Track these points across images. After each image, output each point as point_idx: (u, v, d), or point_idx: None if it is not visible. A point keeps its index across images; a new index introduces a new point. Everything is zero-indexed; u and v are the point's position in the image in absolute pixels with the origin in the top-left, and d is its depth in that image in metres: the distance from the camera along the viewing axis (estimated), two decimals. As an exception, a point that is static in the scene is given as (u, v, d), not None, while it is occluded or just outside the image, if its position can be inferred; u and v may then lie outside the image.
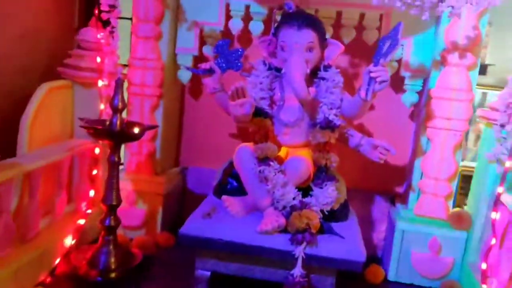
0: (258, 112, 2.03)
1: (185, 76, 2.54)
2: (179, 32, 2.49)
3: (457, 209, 2.31)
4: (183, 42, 2.50)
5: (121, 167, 2.25)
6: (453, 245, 2.24)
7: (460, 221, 2.25)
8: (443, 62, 2.23)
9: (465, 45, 2.14)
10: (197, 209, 2.07)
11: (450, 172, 2.24)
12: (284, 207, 1.91)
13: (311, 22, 2.01)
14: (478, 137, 2.87)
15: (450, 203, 2.30)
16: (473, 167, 2.49)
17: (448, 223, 2.25)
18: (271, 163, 1.93)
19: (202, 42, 2.51)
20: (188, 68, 2.31)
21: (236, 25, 2.43)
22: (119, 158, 2.05)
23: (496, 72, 3.22)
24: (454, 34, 2.14)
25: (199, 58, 2.48)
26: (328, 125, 2.03)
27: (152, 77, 2.43)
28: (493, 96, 3.36)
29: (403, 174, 2.57)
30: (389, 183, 2.60)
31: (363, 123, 2.55)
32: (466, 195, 2.54)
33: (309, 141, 2.08)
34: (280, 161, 2.05)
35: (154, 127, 2.19)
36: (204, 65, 2.12)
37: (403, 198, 2.52)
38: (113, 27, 2.24)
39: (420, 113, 2.37)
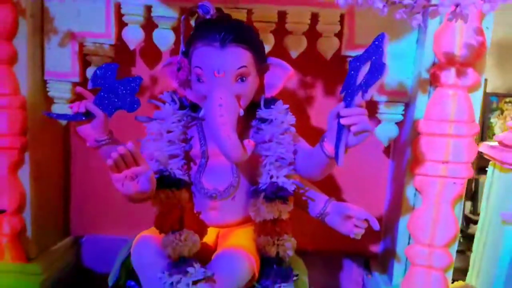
0: (166, 181, 1.28)
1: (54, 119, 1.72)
2: (47, 50, 1.66)
3: (460, 283, 1.67)
4: (54, 65, 1.67)
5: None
6: (457, 336, 1.61)
7: (465, 301, 1.62)
8: (433, 81, 1.56)
9: (464, 58, 1.48)
10: None
11: (449, 235, 1.58)
12: None
13: (241, 34, 1.26)
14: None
15: (450, 275, 1.66)
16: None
17: (449, 305, 1.62)
18: (190, 269, 1.18)
19: (85, 62, 1.70)
20: (49, 115, 1.48)
21: (133, 36, 1.64)
22: None
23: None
24: (449, 42, 1.48)
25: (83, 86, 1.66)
26: (277, 194, 1.31)
27: (6, 121, 1.59)
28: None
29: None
30: (360, 242, 1.90)
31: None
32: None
33: (250, 217, 1.36)
34: (207, 252, 1.32)
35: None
36: (77, 107, 1.33)
37: (382, 264, 1.86)
38: None
39: (403, 153, 1.70)
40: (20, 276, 1.69)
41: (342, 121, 1.11)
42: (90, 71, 1.69)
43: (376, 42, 1.13)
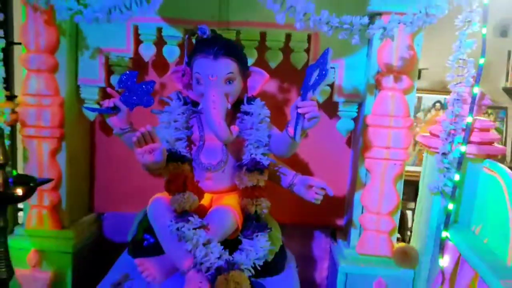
0: (174, 157, 1.74)
1: (90, 112, 2.19)
2: (80, 61, 2.14)
3: (402, 244, 2.12)
4: (86, 73, 2.15)
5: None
6: (399, 285, 2.05)
7: (406, 258, 2.05)
8: (377, 86, 2.03)
9: (400, 67, 1.95)
10: (107, 276, 1.74)
11: (392, 205, 2.04)
12: (209, 269, 1.62)
13: (229, 49, 1.74)
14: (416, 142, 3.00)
15: (394, 238, 2.11)
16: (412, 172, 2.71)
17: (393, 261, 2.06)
18: (191, 218, 1.64)
19: (109, 71, 2.18)
20: (87, 108, 1.96)
21: (147, 51, 2.12)
22: (6, 221, 1.68)
23: (430, 76, 3.53)
24: (388, 56, 1.95)
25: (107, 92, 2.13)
26: (256, 167, 1.77)
27: (49, 116, 2.06)
28: (428, 100, 3.36)
29: (342, 205, 2.36)
30: (328, 216, 2.37)
31: (296, 153, 2.31)
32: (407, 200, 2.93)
33: (236, 185, 1.82)
34: (203, 211, 1.77)
35: (45, 181, 1.81)
36: (107, 103, 1.79)
37: (345, 233, 2.31)
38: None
39: (357, 142, 2.16)
40: (56, 240, 2.15)
41: (299, 110, 1.58)
42: (113, 79, 2.16)
43: (323, 55, 1.60)
